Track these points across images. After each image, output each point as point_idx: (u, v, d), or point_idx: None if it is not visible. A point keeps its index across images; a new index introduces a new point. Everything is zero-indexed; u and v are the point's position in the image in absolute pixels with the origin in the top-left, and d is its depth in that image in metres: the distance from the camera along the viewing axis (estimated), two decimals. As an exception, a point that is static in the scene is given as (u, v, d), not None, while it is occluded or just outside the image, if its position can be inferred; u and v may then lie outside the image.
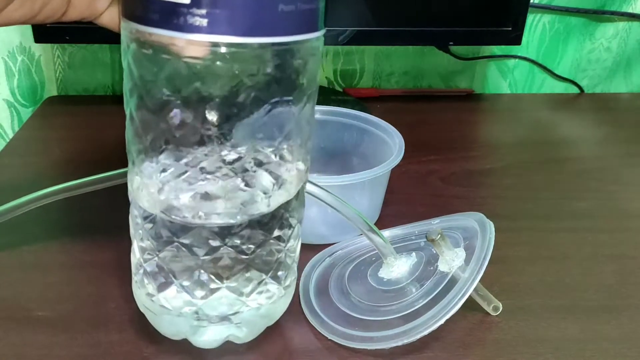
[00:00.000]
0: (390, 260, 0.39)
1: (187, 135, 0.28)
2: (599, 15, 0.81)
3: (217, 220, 0.30)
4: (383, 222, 0.51)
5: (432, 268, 0.39)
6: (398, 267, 0.40)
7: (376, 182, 0.48)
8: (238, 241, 0.32)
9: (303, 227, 0.47)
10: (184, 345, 0.37)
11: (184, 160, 0.29)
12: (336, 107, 0.54)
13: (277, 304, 0.36)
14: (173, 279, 0.32)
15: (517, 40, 0.68)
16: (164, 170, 0.30)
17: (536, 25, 0.81)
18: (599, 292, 0.43)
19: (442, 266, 0.38)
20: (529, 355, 0.37)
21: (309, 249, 0.46)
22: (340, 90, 0.82)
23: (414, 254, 0.41)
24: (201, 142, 0.29)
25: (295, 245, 0.36)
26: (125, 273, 0.44)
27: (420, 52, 0.82)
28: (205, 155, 0.29)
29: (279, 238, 0.33)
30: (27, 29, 0.71)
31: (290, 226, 0.34)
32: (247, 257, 0.32)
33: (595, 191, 0.58)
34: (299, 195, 0.34)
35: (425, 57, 0.83)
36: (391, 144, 0.49)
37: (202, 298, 0.33)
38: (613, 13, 0.80)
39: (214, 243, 0.31)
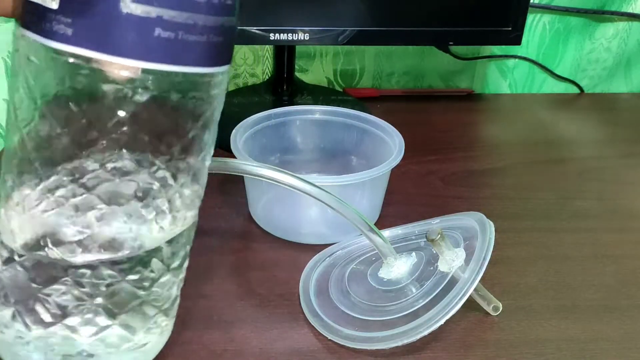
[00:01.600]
0: (390, 260, 0.39)
1: (52, 158, 0.26)
2: (599, 15, 0.80)
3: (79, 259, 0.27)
4: (383, 222, 0.51)
5: (432, 268, 0.39)
6: (398, 267, 0.40)
7: (376, 182, 0.48)
8: (84, 277, 0.28)
9: (304, 226, 0.47)
10: (188, 346, 0.37)
11: (47, 186, 0.26)
12: (336, 107, 0.54)
13: (123, 355, 0.31)
14: (10, 302, 0.29)
15: (517, 40, 0.68)
16: (23, 198, 0.27)
17: (536, 25, 0.81)
18: (599, 292, 0.43)
19: (442, 266, 0.38)
20: (530, 356, 0.37)
21: (309, 249, 0.46)
22: (340, 90, 0.82)
23: (414, 253, 0.41)
24: (69, 169, 0.26)
25: (163, 294, 0.31)
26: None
27: (420, 52, 0.82)
28: (67, 185, 0.26)
29: (135, 282, 0.29)
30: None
31: (152, 271, 0.29)
32: (90, 296, 0.28)
33: (595, 191, 0.58)
34: (174, 241, 0.30)
35: (425, 57, 0.83)
36: (391, 144, 0.49)
37: (36, 330, 0.29)
38: (613, 13, 0.80)
39: (56, 274, 0.27)
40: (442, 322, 0.35)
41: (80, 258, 0.27)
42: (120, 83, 0.24)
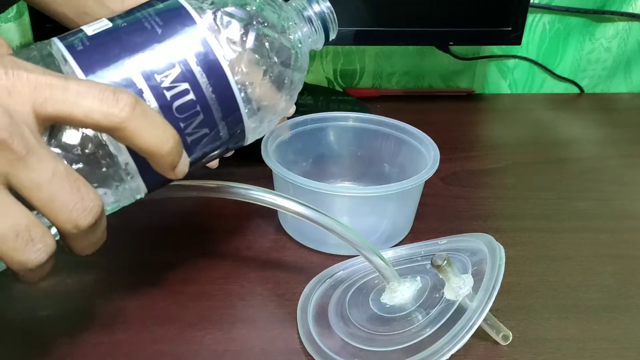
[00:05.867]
0: (393, 284, 0.37)
1: None
2: (599, 15, 0.81)
3: None
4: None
5: (437, 295, 0.37)
6: (402, 293, 0.38)
7: (405, 195, 0.47)
8: None
9: (317, 236, 0.46)
10: (189, 345, 0.37)
11: None
12: (375, 115, 0.53)
13: None
14: None
15: (517, 40, 0.68)
16: None
17: (536, 25, 0.81)
18: (599, 292, 0.44)
19: (448, 294, 0.36)
20: (530, 355, 0.38)
21: (315, 268, 0.45)
22: (340, 90, 0.82)
23: (419, 277, 0.39)
24: None
25: None
26: (129, 273, 0.44)
27: (420, 52, 0.82)
28: None
29: None
30: (27, 29, 0.71)
31: None
32: None
33: (595, 191, 0.58)
34: None
35: (425, 57, 0.83)
36: (426, 155, 0.48)
37: None
38: (613, 13, 0.80)
39: None
40: (447, 356, 0.32)
41: None
42: None
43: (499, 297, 0.40)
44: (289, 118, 0.52)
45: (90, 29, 0.31)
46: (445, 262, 0.35)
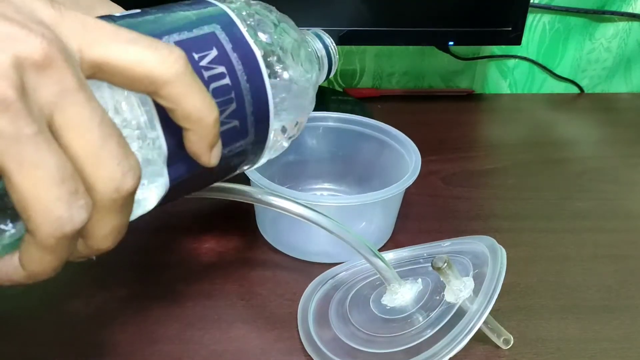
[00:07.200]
0: (394, 286, 0.37)
1: None
2: (599, 15, 0.81)
3: None
4: (384, 222, 0.50)
5: (438, 297, 0.37)
6: (402, 295, 0.38)
7: (388, 202, 0.46)
8: None
9: (312, 244, 0.46)
10: (189, 345, 0.37)
11: None
12: (357, 116, 0.53)
13: None
14: None
15: (517, 40, 0.68)
16: None
17: (536, 25, 0.81)
18: (599, 292, 0.44)
19: (448, 296, 0.36)
20: (530, 356, 0.37)
21: (314, 268, 0.45)
22: (341, 90, 0.82)
23: (420, 279, 0.39)
24: None
25: None
26: (128, 274, 0.44)
27: (420, 52, 0.82)
28: None
29: None
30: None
31: None
32: None
33: (595, 191, 0.58)
34: None
35: (425, 57, 0.83)
36: (408, 160, 0.48)
37: None
38: (613, 13, 0.80)
39: None
40: (446, 358, 0.32)
41: None
42: None
43: (499, 297, 0.40)
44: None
45: (118, 13, 0.30)
46: (446, 264, 0.35)
